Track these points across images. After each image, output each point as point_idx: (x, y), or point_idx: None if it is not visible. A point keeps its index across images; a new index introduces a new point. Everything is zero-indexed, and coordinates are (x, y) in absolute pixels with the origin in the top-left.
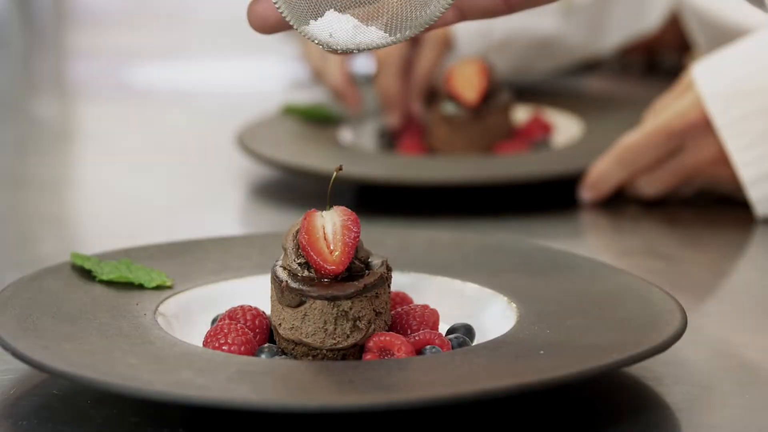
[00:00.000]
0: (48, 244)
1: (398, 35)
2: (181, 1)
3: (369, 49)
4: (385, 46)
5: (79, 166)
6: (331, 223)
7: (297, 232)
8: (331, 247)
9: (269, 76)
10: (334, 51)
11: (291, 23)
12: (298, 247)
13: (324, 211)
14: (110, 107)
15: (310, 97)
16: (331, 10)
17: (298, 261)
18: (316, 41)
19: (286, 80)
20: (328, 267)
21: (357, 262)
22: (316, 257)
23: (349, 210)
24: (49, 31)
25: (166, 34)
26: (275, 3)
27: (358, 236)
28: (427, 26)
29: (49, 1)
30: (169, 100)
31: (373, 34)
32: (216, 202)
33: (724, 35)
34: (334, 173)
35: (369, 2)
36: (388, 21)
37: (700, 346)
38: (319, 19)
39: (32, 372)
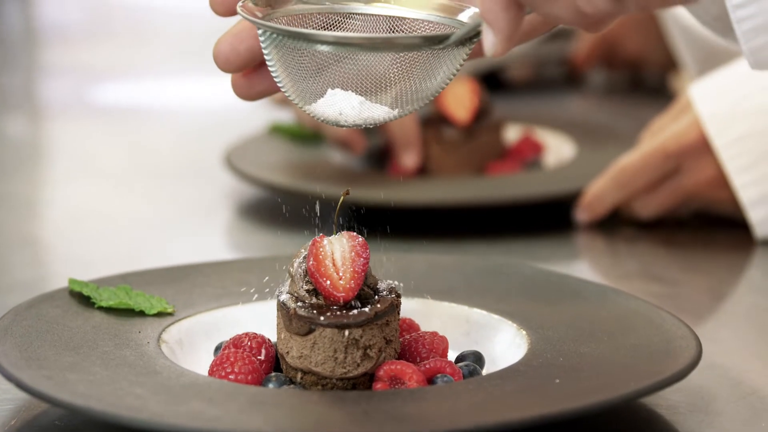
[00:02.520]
0: (29, 267)
1: (406, 108)
2: (151, 17)
3: (376, 124)
4: (393, 120)
5: (57, 186)
6: (339, 249)
7: (304, 258)
8: (341, 274)
9: (223, 94)
10: (342, 127)
11: (297, 103)
12: (306, 274)
13: (332, 237)
14: (84, 125)
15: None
16: (337, 88)
17: (306, 288)
18: (324, 119)
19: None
20: (338, 294)
21: (366, 289)
22: (325, 284)
23: (357, 235)
24: (18, 48)
25: (135, 50)
26: (279, 83)
27: (367, 262)
28: (434, 97)
29: (18, 18)
30: (144, 117)
31: (380, 109)
32: (203, 223)
33: (713, 54)
34: (341, 197)
35: (374, 79)
36: (395, 96)
37: (710, 372)
38: (325, 97)
39: (32, 401)
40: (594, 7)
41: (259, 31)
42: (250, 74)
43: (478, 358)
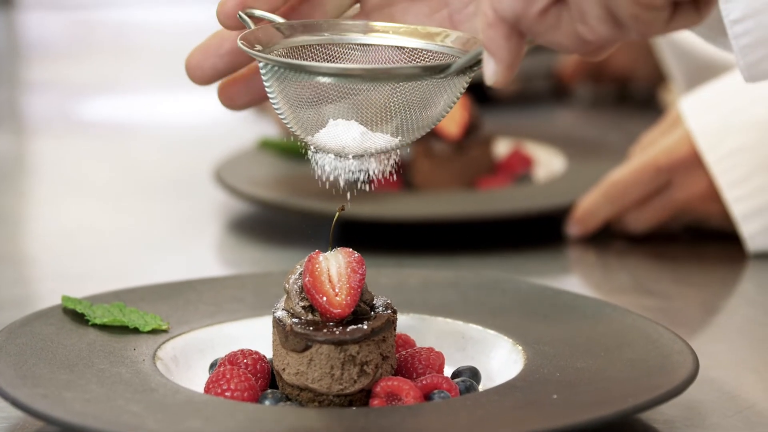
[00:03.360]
0: (18, 285)
1: (408, 137)
2: (133, 34)
3: (378, 153)
4: (395, 149)
5: (44, 203)
6: (335, 266)
7: (300, 274)
8: (337, 290)
9: (211, 110)
10: (345, 158)
11: (300, 135)
12: (302, 290)
13: (328, 253)
14: (69, 141)
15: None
16: (339, 119)
17: (302, 304)
18: (326, 150)
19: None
20: (334, 311)
21: (362, 305)
22: (321, 300)
23: (353, 251)
24: (1, 64)
25: (119, 67)
26: (280, 114)
27: (363, 278)
28: (435, 125)
29: (0, 34)
30: (129, 133)
31: (382, 138)
32: (193, 238)
33: (702, 68)
34: (337, 213)
35: (375, 109)
36: (396, 125)
37: (706, 386)
38: (327, 128)
39: (27, 420)
40: (595, 34)
41: (260, 64)
42: (231, 86)
43: (474, 374)
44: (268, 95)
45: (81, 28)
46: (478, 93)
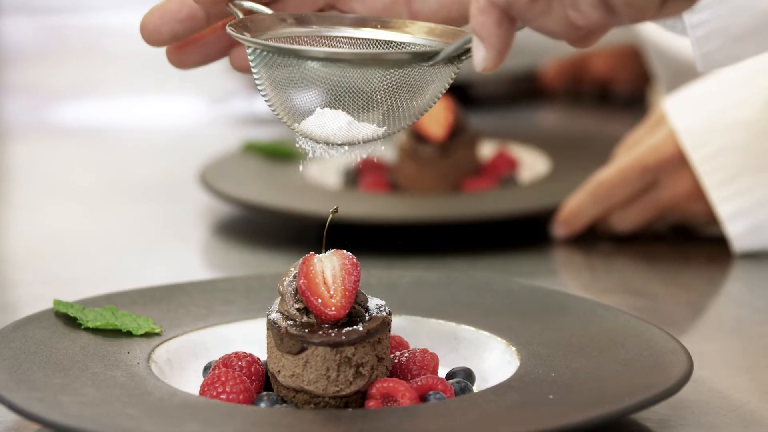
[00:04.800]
0: (5, 289)
1: (394, 127)
2: (108, 38)
3: (365, 143)
4: (382, 138)
5: (25, 208)
6: (330, 267)
7: (294, 276)
8: (332, 292)
9: (193, 113)
10: (331, 146)
11: (286, 122)
12: (296, 292)
13: (322, 255)
14: (47, 146)
15: (268, 133)
16: (326, 107)
17: (297, 306)
18: (312, 138)
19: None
20: (329, 312)
21: (357, 307)
22: (316, 303)
23: (348, 253)
24: None
25: (95, 71)
26: (267, 101)
27: (358, 280)
28: (422, 115)
29: None
30: (108, 137)
31: (368, 128)
32: (179, 242)
33: (686, 69)
34: (330, 215)
35: (363, 97)
36: (383, 114)
37: (698, 386)
38: (313, 116)
39: (20, 424)
40: (586, 19)
41: (249, 50)
42: (183, 48)
43: (468, 375)
44: (256, 82)
45: (57, 32)
46: (461, 95)
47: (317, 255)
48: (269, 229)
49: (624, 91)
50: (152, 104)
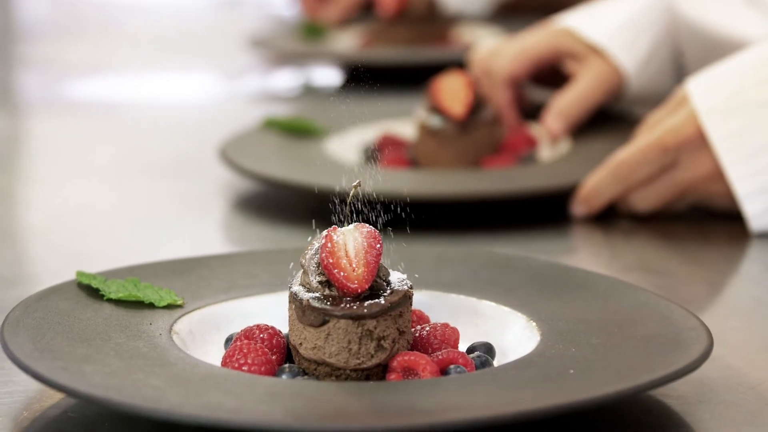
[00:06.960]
0: (30, 262)
1: None
2: (125, 15)
3: None
4: None
5: (46, 183)
6: (353, 241)
7: (317, 249)
8: (354, 266)
9: (211, 89)
10: None
11: None
12: (319, 265)
13: (344, 228)
14: (67, 122)
15: (288, 110)
16: None
17: (319, 279)
18: None
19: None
20: (352, 285)
21: (379, 280)
22: (338, 276)
23: (370, 227)
24: None
25: (113, 48)
26: None
27: (380, 254)
28: None
29: None
30: (128, 113)
31: None
32: (200, 217)
33: (715, 48)
34: (353, 189)
35: None
36: None
37: (717, 363)
38: None
39: (42, 392)
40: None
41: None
42: None
43: (489, 350)
44: None
45: (76, 8)
46: None
47: (339, 228)
48: (288, 204)
49: None
50: (169, 81)
